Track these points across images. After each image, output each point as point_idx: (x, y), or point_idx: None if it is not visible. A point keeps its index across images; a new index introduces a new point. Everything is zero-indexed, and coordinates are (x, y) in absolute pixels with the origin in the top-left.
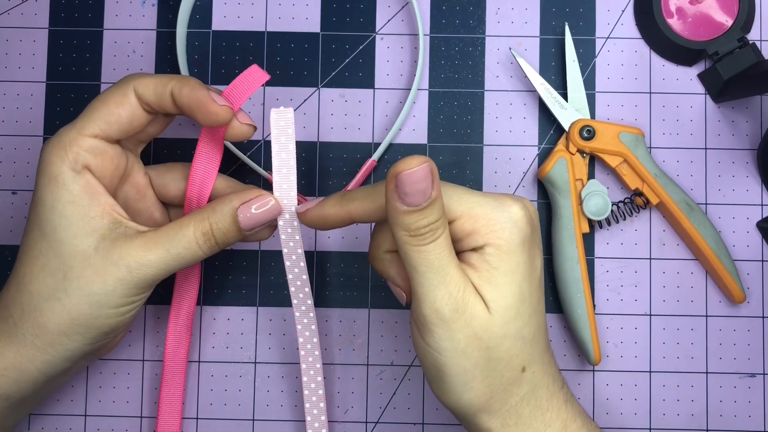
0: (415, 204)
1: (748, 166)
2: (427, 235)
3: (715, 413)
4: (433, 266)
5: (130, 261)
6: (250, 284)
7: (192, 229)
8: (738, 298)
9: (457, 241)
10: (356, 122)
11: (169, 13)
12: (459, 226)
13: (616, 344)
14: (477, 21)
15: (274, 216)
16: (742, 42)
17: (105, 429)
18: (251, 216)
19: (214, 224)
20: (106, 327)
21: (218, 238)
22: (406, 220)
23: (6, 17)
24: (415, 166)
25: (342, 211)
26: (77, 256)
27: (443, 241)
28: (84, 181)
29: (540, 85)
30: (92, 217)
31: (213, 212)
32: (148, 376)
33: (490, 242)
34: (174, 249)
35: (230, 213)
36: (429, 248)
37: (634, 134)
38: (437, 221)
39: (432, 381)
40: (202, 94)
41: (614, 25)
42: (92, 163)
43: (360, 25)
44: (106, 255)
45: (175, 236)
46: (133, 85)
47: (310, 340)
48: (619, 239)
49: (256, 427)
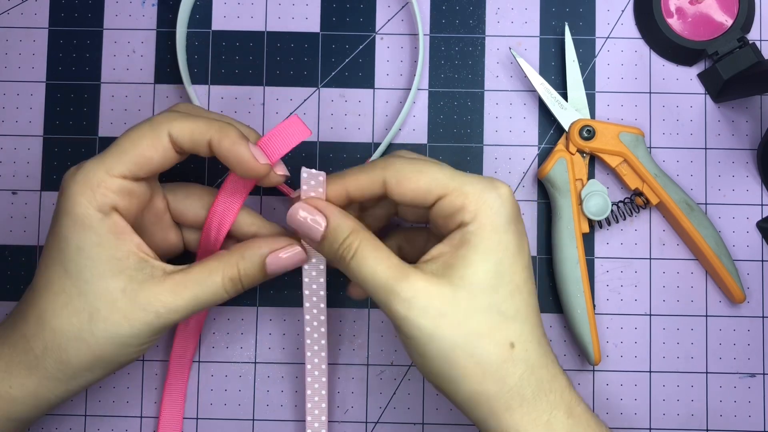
0: (315, 240)
1: (748, 166)
2: (345, 254)
3: (715, 413)
4: (369, 273)
5: (159, 307)
6: None
7: (221, 276)
8: (738, 298)
9: (446, 216)
10: (356, 122)
11: (169, 13)
12: (449, 201)
13: (616, 344)
14: (477, 21)
15: (301, 263)
16: (741, 42)
17: (105, 429)
18: (278, 263)
19: (242, 270)
20: (126, 362)
21: (245, 283)
22: (325, 250)
23: (6, 17)
24: (291, 208)
25: (339, 188)
26: (103, 298)
27: (363, 251)
28: (111, 222)
29: (540, 85)
30: (119, 259)
31: (242, 259)
32: (148, 376)
33: (477, 218)
34: (203, 296)
35: (259, 262)
36: (355, 262)
37: (634, 134)
38: (345, 240)
39: (431, 379)
40: (242, 151)
41: (614, 25)
42: (120, 204)
43: (360, 25)
44: (134, 299)
45: (204, 282)
46: (167, 128)
47: (318, 342)
48: (619, 239)
49: (256, 427)
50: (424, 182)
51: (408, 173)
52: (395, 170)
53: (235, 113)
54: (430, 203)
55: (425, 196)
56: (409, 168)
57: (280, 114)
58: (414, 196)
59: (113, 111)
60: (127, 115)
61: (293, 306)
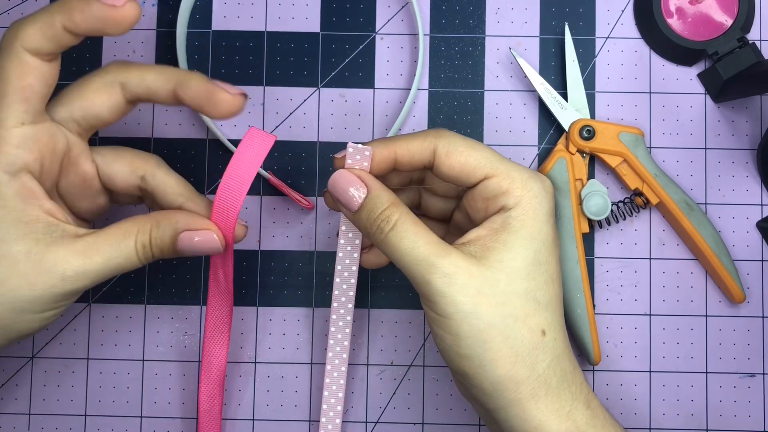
0: (353, 208)
1: (748, 166)
2: (383, 226)
3: (715, 413)
4: (409, 246)
5: (66, 269)
6: (251, 284)
7: (134, 240)
8: (738, 298)
9: (488, 198)
10: (356, 122)
11: (169, 13)
12: (497, 182)
13: (616, 344)
14: (477, 21)
15: (213, 252)
16: (741, 42)
17: (105, 429)
18: (190, 245)
19: (155, 238)
20: (26, 330)
21: (155, 253)
22: (361, 221)
23: (6, 17)
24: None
25: (387, 151)
26: (5, 261)
27: (403, 224)
28: (20, 184)
29: (540, 85)
30: (26, 222)
31: (157, 227)
32: (148, 376)
33: (520, 204)
34: (115, 260)
35: (172, 234)
36: (394, 233)
37: (634, 134)
38: (385, 211)
39: (458, 362)
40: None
41: (614, 25)
42: (28, 159)
43: (360, 25)
44: (38, 261)
45: (117, 246)
46: (120, 78)
47: (341, 343)
48: (619, 239)
49: (256, 427)
50: (475, 158)
51: (460, 146)
52: (448, 141)
53: None
54: (475, 182)
55: (472, 172)
56: (462, 142)
57: (280, 114)
58: (461, 171)
59: None
60: (127, 115)
61: (293, 306)
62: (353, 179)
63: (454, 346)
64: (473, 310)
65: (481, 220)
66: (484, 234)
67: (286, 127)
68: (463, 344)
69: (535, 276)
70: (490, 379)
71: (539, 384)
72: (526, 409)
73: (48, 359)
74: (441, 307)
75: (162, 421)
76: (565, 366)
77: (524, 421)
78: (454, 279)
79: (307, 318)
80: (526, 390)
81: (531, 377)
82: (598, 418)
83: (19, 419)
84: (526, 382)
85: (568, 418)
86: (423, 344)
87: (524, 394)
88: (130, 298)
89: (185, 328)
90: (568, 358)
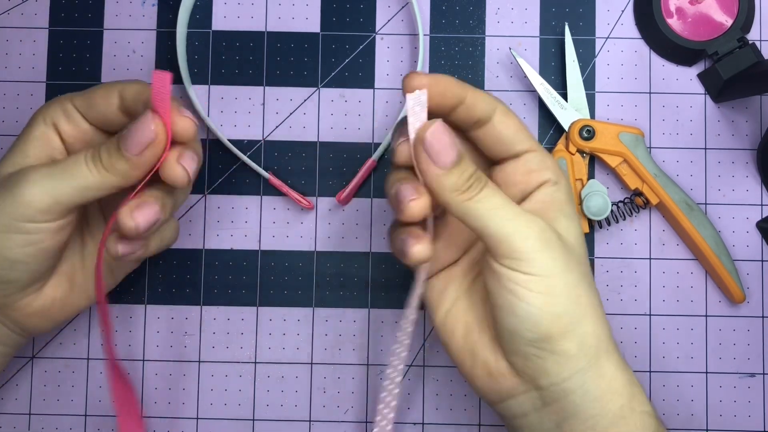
0: (452, 161)
1: (748, 166)
2: (476, 184)
3: (715, 413)
4: (500, 204)
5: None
6: (250, 284)
7: (83, 153)
8: (738, 298)
9: (534, 170)
10: (356, 122)
11: (169, 13)
12: (540, 157)
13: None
14: (477, 21)
15: (152, 135)
16: (741, 42)
17: (105, 429)
18: (129, 136)
19: (102, 146)
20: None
21: (103, 157)
22: (452, 180)
23: (6, 17)
24: (432, 125)
25: (461, 89)
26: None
27: (493, 188)
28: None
29: (540, 85)
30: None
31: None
32: (149, 376)
33: (560, 182)
34: (61, 164)
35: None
36: (485, 193)
37: (634, 134)
38: (476, 173)
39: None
40: None
41: (614, 25)
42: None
43: (360, 25)
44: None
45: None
46: (121, 87)
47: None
48: (619, 239)
49: (256, 427)
50: (524, 130)
51: (513, 116)
52: (505, 108)
53: (235, 113)
54: (520, 150)
55: (523, 140)
56: (514, 114)
57: (280, 114)
58: (515, 134)
59: None
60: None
61: (293, 306)
62: (449, 132)
63: (546, 305)
64: (567, 266)
65: (517, 195)
66: (538, 205)
67: (286, 127)
68: (557, 302)
69: (581, 248)
70: (578, 337)
71: (609, 339)
72: (602, 365)
73: (48, 359)
74: (537, 265)
75: (162, 421)
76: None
77: (600, 377)
78: (547, 236)
79: (307, 318)
80: (604, 345)
81: (605, 332)
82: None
83: (19, 419)
84: (604, 336)
85: (626, 369)
86: (423, 344)
87: (603, 349)
88: (130, 298)
89: (185, 328)
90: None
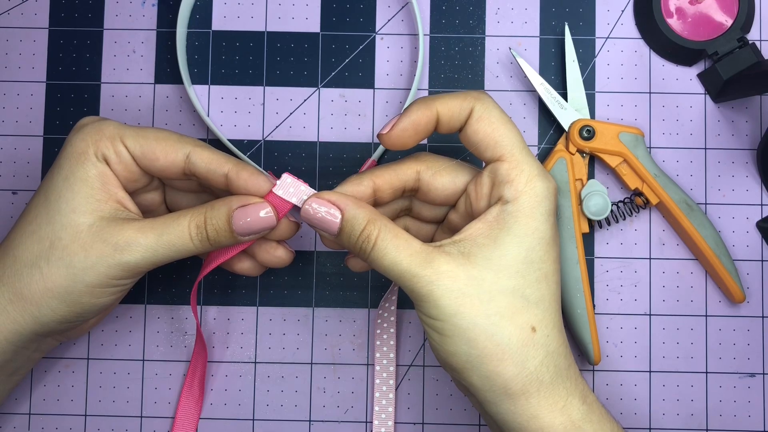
0: (333, 233)
1: (747, 166)
2: (364, 246)
3: (715, 413)
4: (389, 264)
5: (119, 239)
6: (250, 284)
7: (188, 219)
8: (738, 298)
9: (496, 183)
10: (356, 122)
11: (169, 13)
12: (506, 169)
13: (616, 344)
14: (477, 21)
15: (269, 227)
16: (741, 42)
17: (105, 429)
18: (245, 224)
19: (209, 219)
20: (79, 306)
21: (210, 235)
22: (344, 242)
23: (6, 17)
24: (305, 202)
25: (429, 111)
26: (69, 229)
27: (383, 241)
28: (102, 169)
29: (540, 85)
30: (98, 200)
31: (211, 208)
32: (149, 376)
33: (518, 200)
34: (166, 236)
35: (226, 212)
36: (375, 254)
37: (634, 134)
38: (363, 231)
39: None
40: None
41: (614, 25)
42: (114, 161)
43: (360, 25)
44: (97, 233)
45: (171, 224)
46: (191, 147)
47: (387, 343)
48: (618, 239)
49: (256, 427)
50: (500, 134)
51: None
52: (485, 106)
53: (235, 113)
54: (488, 158)
55: (491, 146)
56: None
57: (280, 114)
58: (482, 139)
59: (113, 111)
60: (127, 115)
61: (293, 306)
62: (325, 203)
63: (442, 344)
64: (456, 312)
65: (482, 209)
66: (480, 228)
67: (286, 127)
68: (449, 341)
69: (525, 274)
70: (477, 375)
71: (530, 380)
72: (517, 404)
73: (48, 359)
74: (425, 310)
75: (162, 421)
76: (559, 362)
77: (516, 414)
78: (437, 285)
79: (307, 318)
80: (516, 386)
81: (521, 374)
82: (594, 413)
83: (19, 419)
84: (515, 378)
85: (563, 412)
86: (423, 344)
87: (514, 389)
88: (130, 298)
89: (185, 328)
90: (563, 354)
